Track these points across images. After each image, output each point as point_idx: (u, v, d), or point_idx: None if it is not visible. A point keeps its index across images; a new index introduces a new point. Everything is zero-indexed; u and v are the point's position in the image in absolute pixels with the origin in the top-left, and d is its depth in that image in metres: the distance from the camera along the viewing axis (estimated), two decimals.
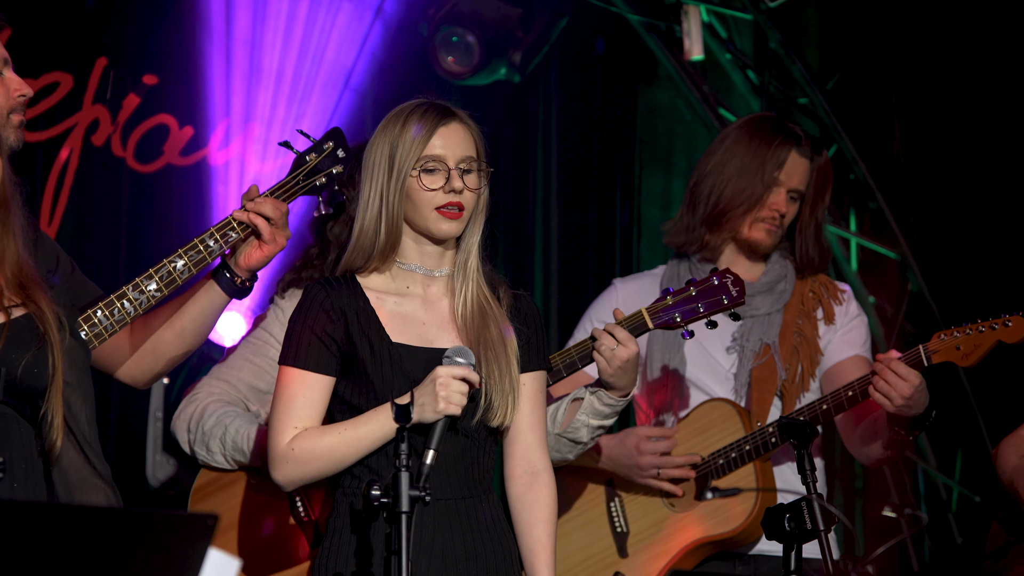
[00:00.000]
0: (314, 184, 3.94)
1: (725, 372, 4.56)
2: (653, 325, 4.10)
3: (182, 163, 6.72)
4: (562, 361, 4.18)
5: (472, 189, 3.53)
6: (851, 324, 4.63)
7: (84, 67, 6.60)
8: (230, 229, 3.84)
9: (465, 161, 3.53)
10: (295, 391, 3.49)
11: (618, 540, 4.52)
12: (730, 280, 4.14)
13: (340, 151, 3.95)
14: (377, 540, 3.44)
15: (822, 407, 4.38)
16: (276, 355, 4.13)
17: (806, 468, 3.75)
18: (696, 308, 4.11)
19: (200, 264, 3.84)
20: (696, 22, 6.41)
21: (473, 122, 3.59)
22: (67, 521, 2.42)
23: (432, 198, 3.50)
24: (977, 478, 6.26)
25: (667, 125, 6.78)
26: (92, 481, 3.34)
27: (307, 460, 3.46)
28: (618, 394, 4.03)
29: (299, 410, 3.48)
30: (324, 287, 3.54)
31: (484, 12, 6.42)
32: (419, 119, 3.53)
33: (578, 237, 6.79)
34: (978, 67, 6.39)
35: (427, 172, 3.51)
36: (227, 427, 4.06)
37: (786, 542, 3.66)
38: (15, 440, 3.28)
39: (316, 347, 3.49)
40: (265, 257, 3.84)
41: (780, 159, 4.52)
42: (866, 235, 6.50)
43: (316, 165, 3.94)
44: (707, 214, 4.55)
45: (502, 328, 3.54)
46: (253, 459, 4.07)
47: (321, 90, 6.82)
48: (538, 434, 3.61)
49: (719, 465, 4.44)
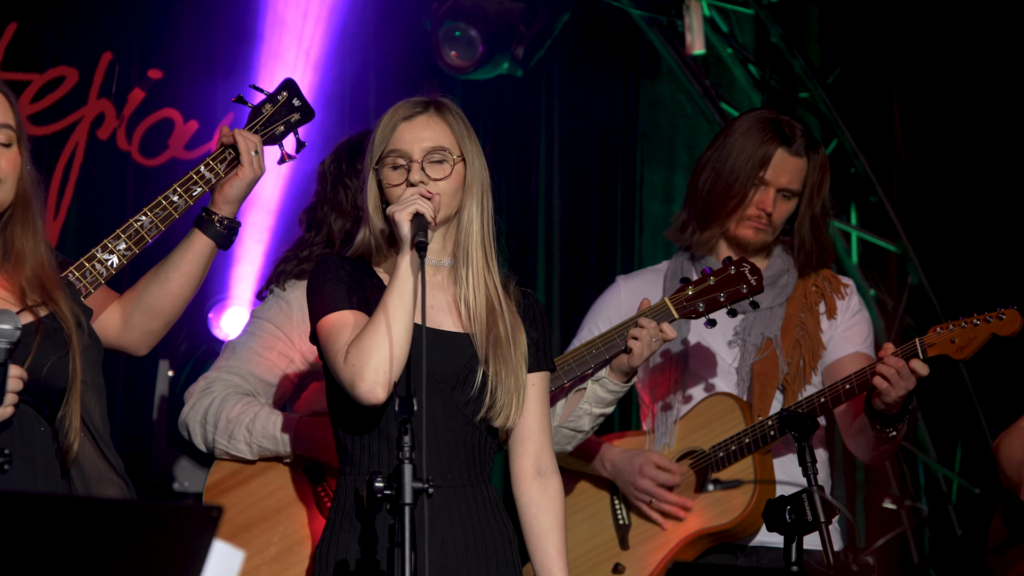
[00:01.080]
0: (273, 133, 4.01)
1: (727, 366, 4.57)
2: (678, 315, 4.19)
3: (187, 157, 6.74)
4: (576, 360, 4.21)
5: (439, 178, 3.52)
6: (853, 320, 4.64)
7: (89, 62, 6.62)
8: (192, 184, 3.88)
9: (433, 152, 3.53)
10: (341, 324, 3.44)
11: (620, 532, 4.54)
12: (747, 268, 4.23)
13: (295, 100, 4.02)
14: (379, 529, 3.45)
15: (820, 400, 4.39)
16: (284, 348, 4.14)
17: (807, 460, 3.77)
18: (717, 297, 4.21)
19: (167, 220, 3.85)
20: (698, 17, 6.43)
21: (454, 115, 3.58)
22: (73, 513, 2.43)
23: (395, 192, 3.52)
24: (977, 470, 6.28)
25: (669, 119, 6.79)
26: (108, 476, 3.36)
27: (366, 349, 3.38)
28: (623, 379, 4.11)
29: (350, 334, 3.42)
30: (339, 257, 3.58)
31: (487, 7, 6.43)
32: (388, 116, 3.56)
33: (580, 230, 6.81)
34: (978, 60, 6.41)
35: (393, 168, 3.53)
36: (256, 415, 4.03)
37: (787, 534, 3.68)
38: (36, 438, 3.30)
39: (344, 290, 3.48)
40: (244, 183, 3.87)
41: (764, 158, 4.52)
42: (867, 229, 6.51)
43: (272, 115, 4.01)
44: (698, 210, 4.58)
45: (511, 327, 3.55)
46: (285, 447, 4.02)
47: (326, 83, 6.85)
48: (547, 435, 3.62)
49: (719, 458, 4.46)
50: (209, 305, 6.37)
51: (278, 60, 6.82)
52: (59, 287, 3.38)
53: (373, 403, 3.38)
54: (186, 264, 3.87)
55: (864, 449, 4.59)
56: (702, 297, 4.21)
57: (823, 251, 4.64)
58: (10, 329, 3.19)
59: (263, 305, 4.23)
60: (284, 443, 4.02)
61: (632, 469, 4.46)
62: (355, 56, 6.82)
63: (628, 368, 4.13)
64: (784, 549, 3.70)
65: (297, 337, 4.13)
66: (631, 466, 4.47)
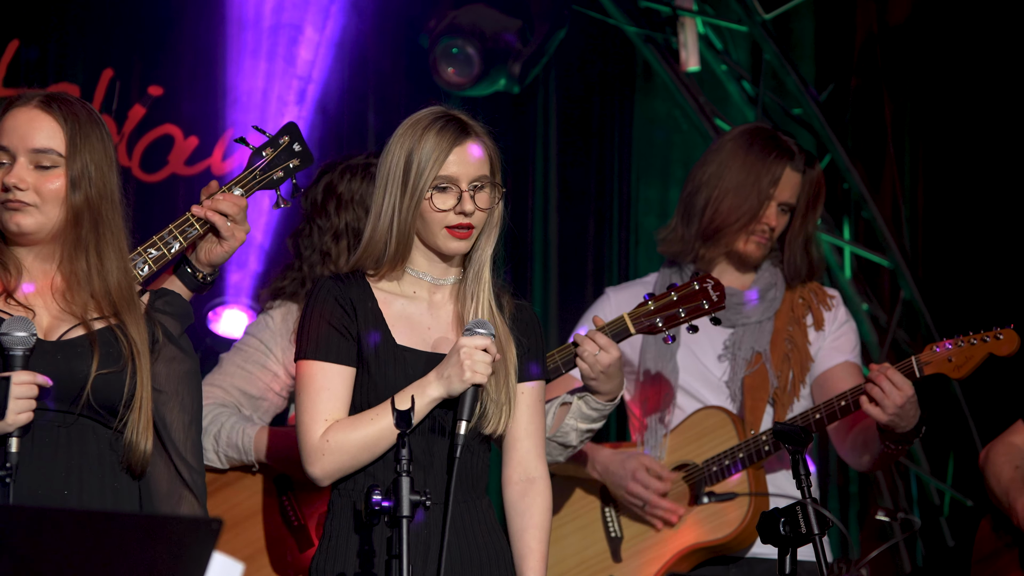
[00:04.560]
0: (271, 178, 3.94)
1: (717, 380, 4.58)
2: (635, 330, 4.13)
3: (187, 173, 6.76)
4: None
5: (483, 208, 3.57)
6: (840, 330, 4.64)
7: (90, 78, 6.66)
8: (188, 226, 3.82)
9: (478, 180, 3.56)
10: (320, 384, 3.49)
11: (612, 545, 4.54)
12: (710, 285, 4.14)
13: (296, 145, 3.96)
14: (376, 543, 3.47)
15: (815, 416, 4.39)
16: (266, 361, 4.22)
17: (801, 473, 3.80)
18: (677, 313, 4.13)
19: (160, 262, 3.80)
20: (692, 34, 6.46)
21: (488, 137, 3.61)
22: (72, 525, 2.46)
23: (443, 218, 3.53)
24: (969, 482, 6.31)
25: (664, 135, 6.82)
26: (180, 491, 3.38)
27: (344, 451, 3.45)
28: (604, 398, 4.09)
29: (326, 402, 3.48)
30: (335, 281, 3.57)
31: (484, 24, 6.46)
32: (436, 135, 3.54)
33: (576, 246, 6.84)
34: (972, 76, 6.44)
35: (439, 191, 3.53)
36: (222, 424, 4.11)
37: (781, 546, 3.70)
38: (89, 450, 3.33)
39: (335, 338, 3.50)
40: (225, 252, 3.81)
41: (776, 175, 4.54)
42: (859, 243, 6.55)
43: (272, 159, 3.95)
44: (703, 228, 4.57)
45: (503, 340, 3.57)
46: (248, 456, 4.10)
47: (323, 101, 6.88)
48: (535, 442, 3.64)
49: (713, 472, 4.47)
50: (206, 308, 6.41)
51: (276, 78, 6.86)
52: (131, 303, 3.40)
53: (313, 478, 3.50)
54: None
55: (860, 461, 4.59)
56: (661, 312, 4.13)
57: (812, 266, 4.66)
58: (24, 336, 3.23)
59: (253, 323, 4.36)
60: (247, 452, 4.10)
61: (624, 472, 4.46)
62: (353, 73, 6.86)
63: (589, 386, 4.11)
64: (778, 561, 3.72)
65: (281, 353, 4.23)
66: (623, 469, 4.46)
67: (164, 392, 3.39)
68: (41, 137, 3.38)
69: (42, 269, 3.41)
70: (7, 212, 3.37)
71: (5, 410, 3.21)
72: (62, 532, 2.43)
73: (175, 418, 3.40)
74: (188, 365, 3.46)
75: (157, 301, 3.49)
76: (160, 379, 3.39)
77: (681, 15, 6.46)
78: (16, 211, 3.36)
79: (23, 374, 3.23)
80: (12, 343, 3.23)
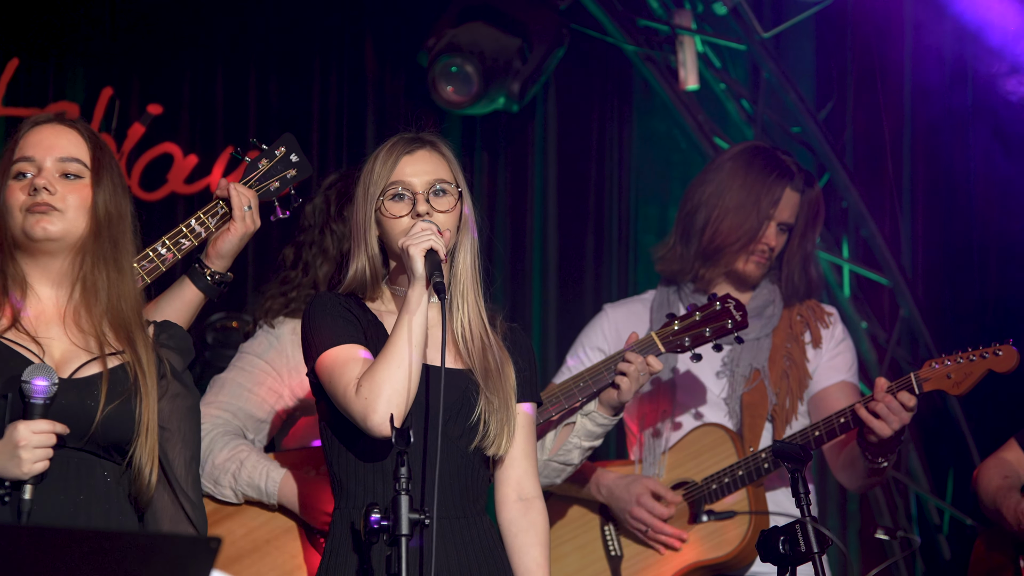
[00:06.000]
0: (267, 189, 3.94)
1: (716, 397, 4.59)
2: (665, 349, 4.24)
3: (187, 191, 6.79)
4: (563, 393, 4.26)
5: (442, 211, 3.55)
6: (838, 348, 4.66)
7: (90, 97, 6.68)
8: (182, 237, 3.84)
9: (435, 183, 3.55)
10: (346, 358, 3.45)
11: (612, 563, 4.54)
12: (732, 305, 4.26)
13: (293, 156, 3.96)
14: (375, 561, 3.46)
15: (815, 433, 4.40)
16: (274, 384, 4.16)
17: (800, 491, 3.80)
18: (703, 332, 4.25)
19: (153, 272, 3.80)
20: (691, 52, 6.47)
21: (446, 148, 3.62)
22: (73, 545, 2.46)
23: (399, 224, 3.54)
24: (969, 501, 6.31)
25: (663, 154, 6.83)
26: (183, 526, 3.38)
27: (379, 382, 3.38)
28: (611, 412, 4.19)
29: (355, 369, 3.43)
30: (334, 294, 3.59)
31: (483, 43, 6.47)
32: (387, 150, 3.58)
33: (575, 264, 6.85)
34: (962, 91, 6.46)
35: (394, 200, 3.54)
36: (242, 463, 4.05)
37: (781, 564, 3.70)
38: (97, 484, 3.33)
39: (347, 326, 3.50)
40: (236, 238, 3.83)
41: (776, 196, 4.56)
42: (858, 262, 6.55)
43: (268, 170, 3.95)
44: (702, 247, 4.59)
45: (500, 359, 3.58)
46: (271, 500, 4.03)
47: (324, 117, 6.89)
48: (531, 462, 3.65)
49: (712, 490, 4.47)
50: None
51: (276, 95, 6.88)
52: (141, 331, 3.40)
53: (384, 435, 3.38)
54: (173, 312, 3.84)
55: (852, 479, 4.61)
56: (688, 332, 4.26)
57: (811, 284, 4.68)
58: (46, 385, 3.22)
59: (251, 341, 4.24)
60: (271, 497, 4.04)
61: (629, 497, 4.47)
62: (352, 90, 6.88)
63: (617, 403, 4.18)
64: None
65: (287, 373, 4.16)
66: (628, 494, 4.47)
67: (167, 429, 3.40)
68: (69, 147, 3.42)
69: (51, 294, 3.41)
70: (33, 217, 3.37)
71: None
72: (64, 551, 2.44)
73: (177, 455, 3.41)
74: (190, 401, 3.46)
75: (162, 335, 3.48)
76: (164, 415, 3.39)
77: (680, 34, 6.47)
78: (43, 215, 3.36)
79: (42, 423, 3.23)
80: (34, 392, 3.23)
